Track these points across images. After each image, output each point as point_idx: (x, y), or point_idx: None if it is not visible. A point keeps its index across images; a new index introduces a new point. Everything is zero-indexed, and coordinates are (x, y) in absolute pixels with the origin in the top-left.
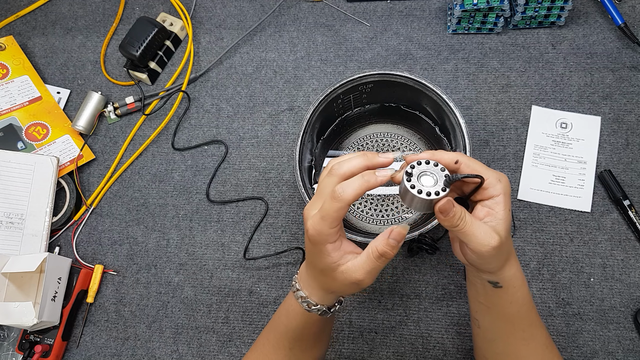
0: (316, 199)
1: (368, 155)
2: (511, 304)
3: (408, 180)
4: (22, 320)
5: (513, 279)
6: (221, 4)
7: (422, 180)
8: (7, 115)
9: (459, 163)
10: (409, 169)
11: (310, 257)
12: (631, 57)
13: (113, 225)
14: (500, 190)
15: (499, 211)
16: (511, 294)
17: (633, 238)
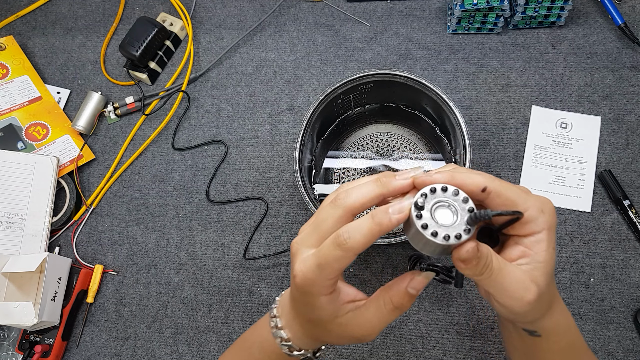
0: (311, 232)
1: (382, 180)
2: (553, 353)
3: (419, 217)
4: (22, 320)
5: (556, 327)
6: (221, 4)
7: (438, 214)
8: (7, 115)
9: (488, 191)
10: (420, 198)
11: (297, 305)
12: (631, 57)
13: (113, 225)
14: (542, 224)
15: (540, 252)
16: (553, 343)
17: (633, 238)
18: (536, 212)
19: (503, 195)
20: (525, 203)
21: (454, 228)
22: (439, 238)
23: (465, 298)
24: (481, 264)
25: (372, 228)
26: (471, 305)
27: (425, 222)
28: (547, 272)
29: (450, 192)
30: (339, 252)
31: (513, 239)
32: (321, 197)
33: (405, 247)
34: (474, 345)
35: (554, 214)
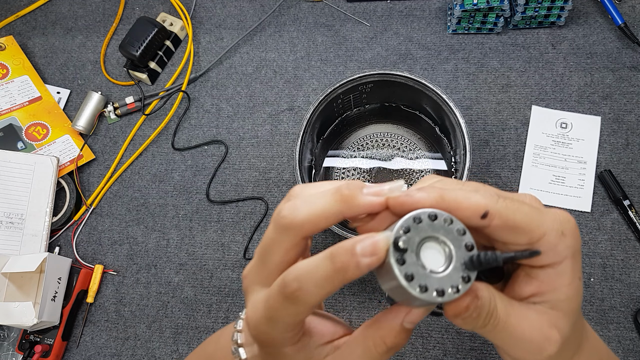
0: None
1: (344, 192)
2: None
3: (400, 262)
4: (22, 320)
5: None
6: (221, 4)
7: (425, 256)
8: (7, 115)
9: (491, 217)
10: (403, 235)
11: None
12: (631, 57)
13: (113, 225)
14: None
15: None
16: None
17: (633, 238)
18: (555, 237)
19: (511, 222)
20: (540, 227)
21: (449, 277)
22: (429, 294)
23: None
24: (483, 315)
25: (331, 277)
26: None
27: (411, 272)
28: (572, 310)
29: (440, 221)
30: (289, 306)
31: (524, 270)
32: None
33: None
34: (474, 346)
35: (577, 234)
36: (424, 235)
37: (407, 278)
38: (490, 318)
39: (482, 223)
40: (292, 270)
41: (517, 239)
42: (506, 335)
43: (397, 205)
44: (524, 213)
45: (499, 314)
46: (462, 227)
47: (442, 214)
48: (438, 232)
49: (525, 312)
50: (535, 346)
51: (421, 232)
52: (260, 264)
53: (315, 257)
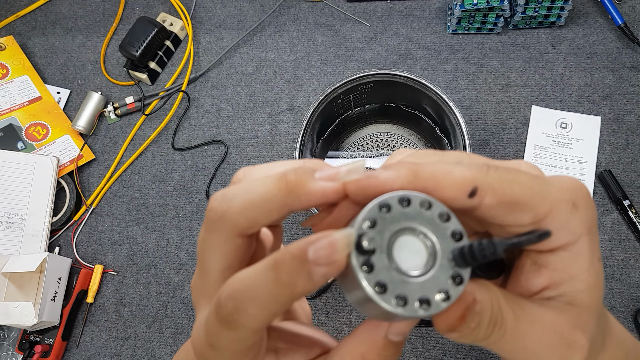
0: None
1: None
2: None
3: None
4: (22, 320)
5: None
6: (221, 4)
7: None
8: (7, 115)
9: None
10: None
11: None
12: (631, 57)
13: (113, 225)
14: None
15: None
16: None
17: (633, 238)
18: (565, 211)
19: (508, 197)
20: (545, 200)
21: (434, 279)
22: (410, 307)
23: None
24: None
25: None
26: None
27: (382, 279)
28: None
29: (415, 206)
30: (228, 332)
31: (529, 257)
32: None
33: None
34: (474, 346)
35: (591, 204)
36: (396, 227)
37: (379, 289)
38: (494, 327)
39: (470, 203)
40: (227, 285)
41: (518, 218)
42: (517, 346)
43: (358, 191)
44: (522, 184)
45: (505, 319)
46: (446, 211)
47: (417, 197)
48: (414, 222)
49: (538, 313)
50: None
51: (392, 223)
52: (200, 273)
53: (256, 266)
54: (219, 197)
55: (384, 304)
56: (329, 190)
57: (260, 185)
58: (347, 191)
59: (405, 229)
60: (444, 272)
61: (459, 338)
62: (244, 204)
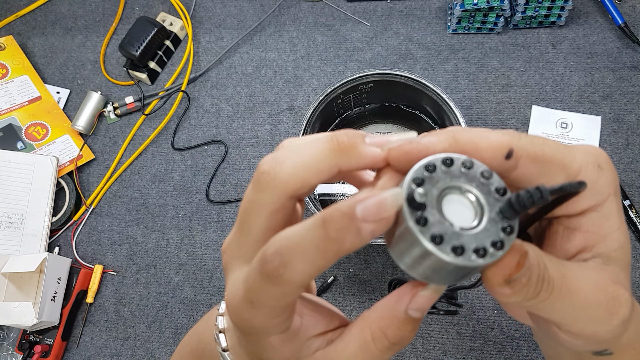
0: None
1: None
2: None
3: (421, 223)
4: (22, 320)
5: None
6: (221, 4)
7: (448, 211)
8: (7, 115)
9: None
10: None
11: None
12: (631, 56)
13: (113, 225)
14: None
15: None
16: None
17: (633, 238)
18: (593, 171)
19: (541, 158)
20: (573, 161)
21: (487, 231)
22: (467, 256)
23: (465, 298)
24: (534, 279)
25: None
26: (471, 305)
27: (438, 232)
28: (628, 261)
29: (458, 165)
30: (272, 287)
31: (560, 223)
32: (321, 197)
33: None
34: (474, 346)
35: (614, 168)
36: (443, 185)
37: (435, 240)
38: (542, 283)
39: (506, 165)
40: (273, 241)
41: (552, 178)
42: (565, 303)
43: (401, 156)
44: (552, 148)
45: (552, 277)
46: (487, 169)
47: (459, 157)
48: (458, 180)
49: (580, 271)
50: (605, 311)
51: (438, 181)
52: (239, 233)
53: (303, 223)
54: (270, 160)
55: (442, 255)
56: (378, 156)
57: (310, 147)
58: (390, 157)
59: (451, 187)
60: (494, 224)
61: (511, 295)
62: (296, 164)
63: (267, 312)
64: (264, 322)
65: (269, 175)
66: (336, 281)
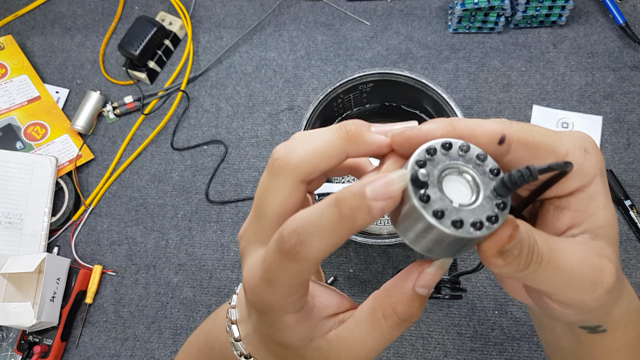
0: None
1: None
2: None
3: (424, 200)
4: (21, 320)
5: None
6: (221, 3)
7: (448, 189)
8: (6, 115)
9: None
10: (421, 169)
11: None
12: (632, 56)
13: (112, 225)
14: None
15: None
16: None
17: (634, 238)
18: (579, 155)
19: (531, 144)
20: (562, 145)
21: (482, 207)
22: (465, 229)
23: (466, 299)
24: (524, 251)
25: (337, 226)
26: (472, 306)
27: (439, 208)
28: (614, 239)
29: (455, 149)
30: (289, 264)
31: (551, 203)
32: (321, 197)
33: (405, 248)
34: (475, 347)
35: (599, 152)
36: (443, 166)
37: (437, 215)
38: (532, 255)
39: (500, 150)
40: (290, 222)
41: (542, 161)
42: (553, 273)
43: (404, 141)
44: (541, 134)
45: (541, 250)
46: (482, 152)
47: (456, 142)
48: (456, 162)
49: (568, 245)
50: (590, 281)
51: (438, 163)
52: (255, 219)
53: (317, 204)
54: (283, 147)
55: (443, 228)
56: (383, 143)
57: (321, 135)
58: (394, 143)
59: (450, 168)
60: (489, 201)
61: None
62: (307, 151)
63: (284, 289)
64: (280, 300)
65: (282, 160)
66: (336, 281)
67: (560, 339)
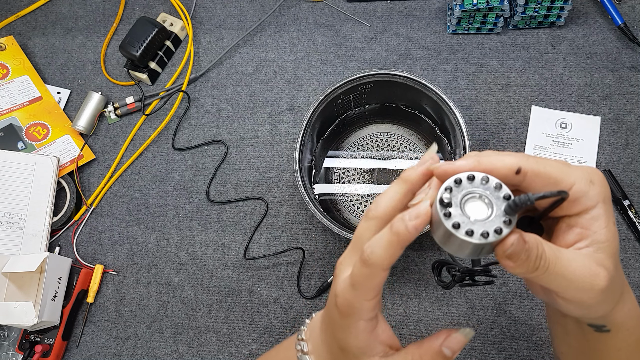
0: (351, 249)
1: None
2: (619, 350)
3: (447, 216)
4: (23, 320)
5: (627, 319)
6: (221, 4)
7: (469, 209)
8: (8, 115)
9: (524, 172)
10: (445, 193)
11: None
12: (631, 57)
13: (113, 225)
14: (595, 197)
15: (600, 230)
16: (621, 340)
17: (633, 238)
18: (585, 185)
19: (542, 174)
20: (569, 177)
21: (492, 222)
22: (475, 237)
23: (465, 298)
24: (532, 256)
25: (391, 241)
26: (471, 305)
27: (457, 221)
28: (613, 253)
29: (478, 180)
30: (366, 269)
31: (564, 221)
32: (321, 197)
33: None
34: (474, 345)
35: (605, 184)
36: (465, 192)
37: (454, 226)
38: (540, 260)
39: (517, 179)
40: (368, 242)
41: (551, 188)
42: (558, 276)
43: (442, 173)
44: (553, 166)
45: (548, 257)
46: (499, 182)
47: (479, 175)
48: (477, 189)
49: (572, 255)
50: (587, 282)
51: (462, 190)
52: (352, 249)
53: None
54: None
55: (457, 234)
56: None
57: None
58: (435, 174)
59: (471, 193)
60: (499, 218)
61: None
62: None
63: (363, 292)
64: (360, 302)
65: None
66: None
67: (570, 336)
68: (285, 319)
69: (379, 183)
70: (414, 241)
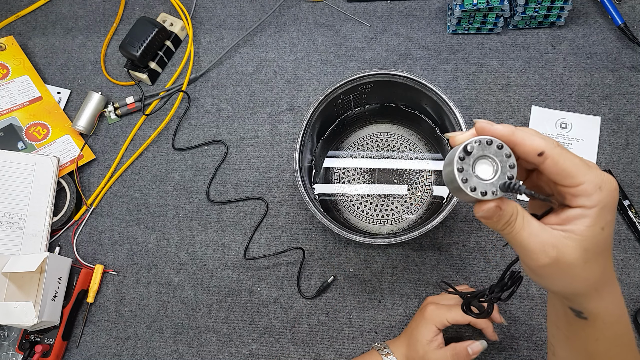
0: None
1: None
2: (597, 341)
3: (461, 159)
4: (23, 320)
5: (604, 314)
6: (221, 4)
7: (478, 167)
8: (8, 115)
9: (545, 156)
10: (471, 145)
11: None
12: (631, 57)
13: (113, 225)
14: (595, 202)
15: (580, 226)
16: (599, 330)
17: (633, 238)
18: (592, 188)
19: (560, 165)
20: (582, 177)
21: (487, 185)
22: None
23: None
24: (502, 221)
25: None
26: None
27: (465, 177)
28: (584, 248)
29: (494, 145)
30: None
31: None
32: (321, 197)
33: (405, 247)
34: None
35: (613, 193)
36: (484, 153)
37: (459, 170)
38: (507, 226)
39: (537, 160)
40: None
41: (561, 180)
42: (517, 242)
43: (479, 129)
44: (572, 162)
45: (516, 225)
46: (509, 152)
47: (496, 141)
48: (490, 153)
49: (538, 231)
50: (532, 255)
51: (478, 151)
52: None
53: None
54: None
55: (464, 188)
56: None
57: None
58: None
59: (489, 156)
60: (493, 186)
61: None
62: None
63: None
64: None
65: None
66: (336, 280)
67: (558, 316)
68: (285, 319)
69: (379, 183)
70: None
